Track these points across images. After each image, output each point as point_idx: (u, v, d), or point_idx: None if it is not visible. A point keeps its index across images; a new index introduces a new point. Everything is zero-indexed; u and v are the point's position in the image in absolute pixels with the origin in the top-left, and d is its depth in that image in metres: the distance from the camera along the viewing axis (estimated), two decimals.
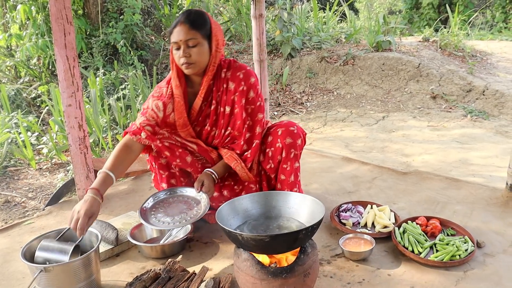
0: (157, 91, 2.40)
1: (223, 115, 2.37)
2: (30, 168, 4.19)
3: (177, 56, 2.23)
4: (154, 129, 2.32)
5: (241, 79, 2.33)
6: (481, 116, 5.52)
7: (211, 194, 2.31)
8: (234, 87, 2.33)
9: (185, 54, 2.18)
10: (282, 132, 2.36)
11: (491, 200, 2.80)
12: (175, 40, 2.19)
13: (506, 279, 2.01)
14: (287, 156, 2.37)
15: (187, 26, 2.17)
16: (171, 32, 2.22)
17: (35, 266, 1.82)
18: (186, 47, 2.18)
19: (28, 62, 6.47)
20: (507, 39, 9.03)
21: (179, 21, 2.19)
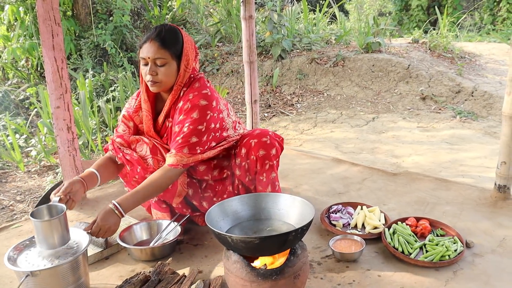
0: (128, 102, 2.44)
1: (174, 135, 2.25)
2: (19, 171, 4.15)
3: (143, 71, 2.19)
4: (126, 141, 2.33)
5: (188, 99, 2.20)
6: (470, 117, 5.56)
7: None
8: (181, 106, 2.22)
9: (151, 72, 2.14)
10: (255, 144, 2.30)
11: (480, 200, 2.81)
12: (143, 56, 2.14)
13: (494, 278, 2.02)
14: (262, 167, 2.32)
15: (157, 44, 2.12)
16: (140, 46, 2.17)
17: (22, 271, 1.80)
18: (154, 65, 2.14)
19: (16, 63, 6.42)
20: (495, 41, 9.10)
21: (150, 37, 2.13)
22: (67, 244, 1.95)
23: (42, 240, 1.88)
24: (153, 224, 2.52)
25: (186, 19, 8.20)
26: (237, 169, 2.38)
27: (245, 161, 2.34)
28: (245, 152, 2.33)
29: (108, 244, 2.34)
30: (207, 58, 7.24)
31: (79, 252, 1.92)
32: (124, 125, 2.40)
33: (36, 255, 1.91)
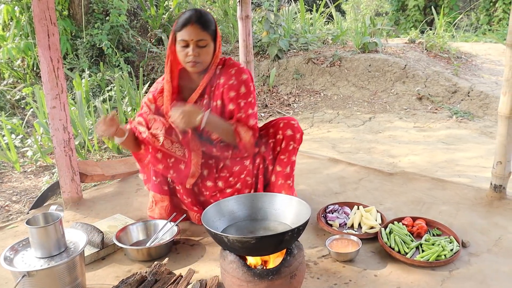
0: (154, 86, 2.52)
1: (215, 109, 2.42)
2: (15, 171, 4.14)
3: (183, 53, 2.28)
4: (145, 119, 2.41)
5: (232, 74, 2.39)
6: (466, 117, 5.57)
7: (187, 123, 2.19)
8: (224, 81, 2.39)
9: (195, 53, 2.26)
10: (284, 124, 2.46)
11: (476, 200, 2.82)
12: (185, 38, 2.25)
13: (490, 278, 2.03)
14: (286, 147, 2.47)
15: (199, 26, 2.24)
16: (178, 30, 2.27)
17: (18, 271, 1.79)
18: (196, 47, 2.26)
19: (12, 63, 6.40)
20: (491, 41, 9.13)
21: (190, 20, 2.24)
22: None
23: (38, 246, 1.88)
24: (150, 224, 2.52)
25: None
26: (263, 146, 2.50)
27: (272, 139, 2.49)
28: (273, 131, 2.49)
29: (104, 244, 2.34)
30: None
31: (76, 252, 1.92)
32: (146, 107, 2.49)
33: (32, 255, 1.90)
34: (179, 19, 2.29)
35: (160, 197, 2.52)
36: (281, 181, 2.51)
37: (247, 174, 2.53)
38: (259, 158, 2.53)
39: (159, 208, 2.56)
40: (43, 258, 1.88)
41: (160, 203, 2.54)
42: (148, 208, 2.61)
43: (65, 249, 1.94)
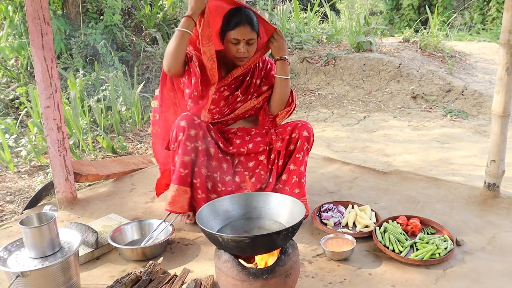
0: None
1: (254, 86, 2.72)
2: (8, 171, 4.12)
3: (234, 49, 2.50)
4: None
5: (265, 60, 2.80)
6: (461, 116, 5.59)
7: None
8: (263, 66, 2.77)
9: (244, 50, 2.49)
10: (301, 125, 2.62)
11: (470, 198, 2.83)
12: (238, 37, 2.46)
13: (484, 276, 2.04)
14: (301, 146, 2.59)
15: (249, 27, 2.47)
16: (231, 29, 2.46)
17: (12, 271, 1.79)
18: (246, 44, 2.49)
19: (6, 63, 6.37)
20: (485, 40, 9.17)
21: (242, 21, 2.45)
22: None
23: (32, 247, 1.87)
24: (144, 224, 2.51)
25: (177, 18, 8.16)
26: (279, 142, 2.63)
27: (288, 136, 2.62)
28: (290, 129, 2.63)
29: (99, 244, 2.33)
30: None
31: (70, 252, 1.91)
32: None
33: (26, 255, 1.90)
34: (230, 19, 2.48)
35: (184, 189, 2.47)
36: (295, 179, 2.58)
37: (262, 169, 2.62)
38: (274, 153, 2.63)
39: (182, 201, 2.49)
40: (37, 258, 1.87)
41: (183, 196, 2.48)
42: (168, 203, 2.50)
43: (59, 249, 1.94)
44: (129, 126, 5.28)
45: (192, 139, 2.42)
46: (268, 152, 2.65)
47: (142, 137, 5.05)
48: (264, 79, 2.76)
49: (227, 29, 2.48)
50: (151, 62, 7.01)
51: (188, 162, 2.43)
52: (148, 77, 6.72)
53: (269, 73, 2.78)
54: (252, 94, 2.73)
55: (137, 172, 3.52)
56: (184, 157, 2.42)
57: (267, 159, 2.64)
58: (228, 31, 2.47)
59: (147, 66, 7.01)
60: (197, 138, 2.43)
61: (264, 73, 2.77)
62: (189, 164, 2.43)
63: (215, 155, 2.53)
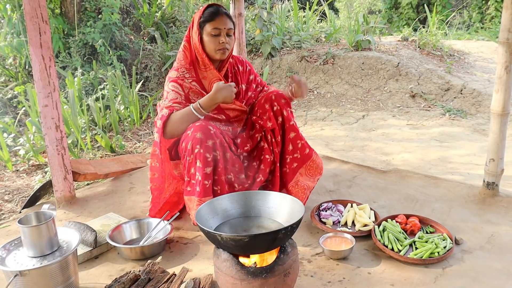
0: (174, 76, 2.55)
1: (242, 92, 2.71)
2: (7, 170, 4.11)
3: (214, 41, 2.46)
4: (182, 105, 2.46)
5: (244, 62, 2.82)
6: (459, 115, 5.59)
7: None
8: (243, 68, 2.77)
9: (226, 40, 2.47)
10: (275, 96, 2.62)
11: (469, 197, 2.83)
12: (219, 27, 2.44)
13: (483, 275, 2.04)
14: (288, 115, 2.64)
15: (227, 18, 2.48)
16: (209, 20, 2.45)
17: (10, 270, 1.78)
18: (226, 35, 2.48)
19: (4, 62, 6.35)
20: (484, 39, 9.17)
21: (220, 12, 2.46)
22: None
23: (30, 246, 1.87)
24: (143, 223, 2.51)
25: (176, 17, 8.16)
26: (268, 121, 2.61)
27: (271, 111, 2.61)
28: (269, 105, 2.61)
29: (97, 243, 2.33)
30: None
31: (68, 251, 1.91)
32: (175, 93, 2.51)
33: (25, 254, 1.89)
34: (206, 12, 2.47)
35: (209, 198, 2.36)
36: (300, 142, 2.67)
37: (266, 153, 2.63)
38: (269, 133, 2.63)
39: None
40: (36, 257, 1.87)
41: None
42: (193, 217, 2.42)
43: (58, 248, 1.93)
44: (127, 125, 5.27)
45: (211, 150, 2.34)
46: (263, 134, 2.65)
47: (140, 136, 5.05)
48: (247, 84, 2.78)
49: (206, 21, 2.46)
50: (149, 61, 7.01)
51: (210, 173, 2.37)
52: (146, 76, 6.72)
53: (249, 76, 2.80)
54: (241, 101, 2.70)
55: (136, 171, 3.51)
56: (206, 168, 2.35)
57: (266, 142, 2.64)
58: (207, 23, 2.45)
59: (146, 65, 7.00)
60: (216, 148, 2.36)
61: (246, 76, 2.78)
62: (210, 175, 2.38)
63: (230, 159, 2.49)
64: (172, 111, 2.40)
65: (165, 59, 6.93)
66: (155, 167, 2.65)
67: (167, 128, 2.39)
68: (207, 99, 2.35)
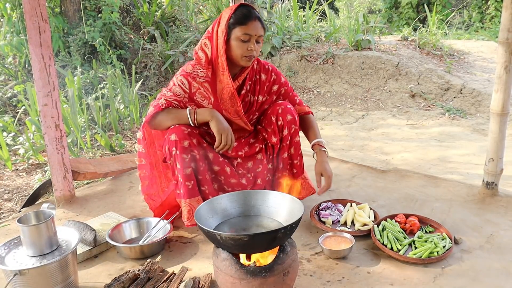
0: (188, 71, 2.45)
1: (255, 103, 2.54)
2: (6, 169, 4.11)
3: (242, 47, 2.29)
4: (181, 104, 2.42)
5: (270, 70, 2.58)
6: (459, 114, 5.59)
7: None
8: (266, 78, 2.56)
9: (255, 48, 2.31)
10: (282, 110, 2.50)
11: (468, 197, 2.83)
12: (250, 32, 2.27)
13: (482, 274, 2.04)
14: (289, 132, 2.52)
15: (259, 23, 2.31)
16: (241, 23, 2.27)
17: (10, 269, 1.78)
18: (256, 42, 2.31)
19: (3, 61, 6.35)
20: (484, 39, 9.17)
21: (253, 16, 2.28)
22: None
23: (30, 245, 1.87)
24: (142, 222, 2.51)
25: (176, 16, 8.16)
26: (273, 136, 2.53)
27: (276, 126, 2.51)
28: (275, 118, 2.50)
29: (97, 242, 2.33)
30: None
31: (68, 250, 1.91)
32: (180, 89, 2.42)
33: (24, 254, 1.89)
34: (238, 12, 2.29)
35: (197, 199, 2.39)
36: (290, 162, 2.58)
37: (263, 168, 2.56)
38: (270, 150, 2.57)
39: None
40: (35, 256, 1.87)
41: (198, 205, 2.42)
42: (187, 219, 2.40)
43: (57, 247, 1.93)
44: (127, 124, 5.27)
45: (187, 150, 2.32)
46: (264, 150, 2.58)
47: None
48: (267, 95, 2.59)
49: (236, 23, 2.27)
50: (149, 60, 7.00)
51: (190, 173, 2.35)
52: (146, 75, 6.72)
53: (272, 87, 2.59)
54: (254, 113, 2.57)
55: (135, 170, 3.49)
56: (185, 170, 2.34)
57: (265, 156, 2.57)
58: (237, 25, 2.27)
59: (146, 64, 7.00)
60: (192, 148, 2.34)
61: (267, 87, 2.58)
62: (192, 175, 2.36)
63: (215, 160, 2.45)
64: (169, 106, 2.39)
65: (165, 58, 6.93)
66: (142, 153, 2.58)
67: (156, 119, 2.39)
68: (201, 115, 2.33)
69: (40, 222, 1.87)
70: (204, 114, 2.32)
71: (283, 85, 2.62)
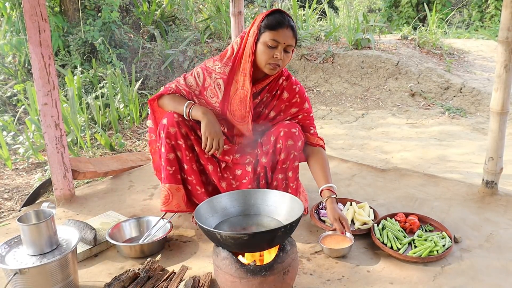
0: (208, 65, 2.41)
1: (265, 117, 2.45)
2: (6, 168, 4.11)
3: (268, 53, 2.19)
4: (189, 95, 2.43)
5: (296, 92, 2.44)
6: (459, 114, 5.59)
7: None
8: (288, 97, 2.43)
9: (282, 57, 2.20)
10: (284, 133, 2.34)
11: (468, 196, 2.83)
12: (279, 40, 2.17)
13: (481, 273, 2.04)
14: (287, 157, 2.38)
15: (291, 32, 2.20)
16: (271, 29, 2.18)
17: (10, 268, 1.78)
18: (284, 51, 2.20)
19: (3, 60, 6.35)
20: (483, 38, 9.17)
21: (286, 23, 2.18)
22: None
23: (30, 244, 1.87)
24: (142, 221, 2.51)
25: (175, 15, 8.16)
26: (264, 157, 2.41)
27: (273, 148, 2.38)
28: (274, 140, 2.37)
29: (97, 241, 2.33)
30: (196, 55, 7.21)
31: (68, 250, 1.91)
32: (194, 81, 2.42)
33: (24, 253, 1.89)
34: (271, 17, 2.20)
35: (176, 186, 2.43)
36: (284, 184, 2.45)
37: (249, 181, 2.45)
38: (260, 167, 2.45)
39: (177, 199, 2.44)
40: (35, 255, 1.87)
41: (176, 194, 2.44)
42: (162, 203, 2.43)
43: (57, 247, 1.94)
44: (127, 124, 5.27)
45: (172, 136, 2.34)
46: (254, 165, 2.46)
47: (140, 134, 5.05)
48: (282, 114, 2.46)
49: (267, 27, 2.18)
50: (149, 59, 7.00)
51: (172, 159, 2.38)
52: (146, 74, 6.71)
53: (290, 109, 2.45)
54: (260, 126, 2.47)
55: (135, 169, 3.51)
56: (168, 154, 2.38)
57: (253, 172, 2.45)
58: (267, 30, 2.18)
59: (145, 63, 7.00)
60: (178, 136, 2.35)
61: (286, 106, 2.45)
62: (174, 161, 2.39)
63: (201, 155, 2.44)
64: (177, 93, 2.44)
65: (164, 58, 6.92)
66: (151, 128, 2.62)
67: (161, 100, 2.47)
68: (195, 111, 2.31)
69: (40, 221, 1.87)
70: (198, 111, 2.30)
71: (303, 111, 2.47)
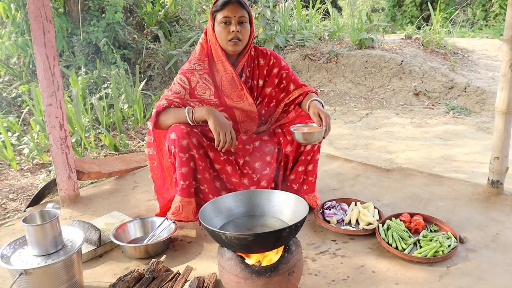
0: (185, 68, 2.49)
1: (256, 88, 2.57)
2: (11, 169, 4.13)
3: (225, 31, 2.34)
4: (182, 101, 2.43)
5: (268, 55, 2.59)
6: (463, 113, 5.58)
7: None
8: (265, 62, 2.58)
9: (238, 29, 2.32)
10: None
11: (473, 195, 2.82)
12: (227, 15, 2.31)
13: (488, 273, 2.03)
14: (312, 147, 2.55)
15: (239, 5, 2.33)
16: (219, 9, 2.33)
17: (15, 269, 1.79)
18: (238, 23, 2.33)
19: (8, 61, 6.37)
20: (488, 37, 9.14)
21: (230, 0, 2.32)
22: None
23: (35, 244, 1.87)
24: (147, 222, 2.51)
25: (179, 16, 8.17)
26: (289, 145, 2.55)
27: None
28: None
29: (101, 242, 2.33)
30: None
31: (73, 250, 1.91)
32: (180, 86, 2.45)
33: (29, 253, 1.90)
34: (219, 1, 2.35)
35: (188, 200, 2.44)
36: (303, 177, 2.61)
37: (271, 171, 2.56)
38: (282, 156, 2.57)
39: (187, 212, 2.47)
40: (40, 256, 1.87)
41: (187, 207, 2.45)
42: (172, 213, 2.48)
43: (62, 247, 1.94)
44: (131, 124, 5.28)
45: (185, 149, 2.33)
46: (277, 153, 2.58)
47: (144, 135, 5.05)
48: (267, 78, 2.60)
49: (217, 10, 2.35)
50: (153, 60, 7.01)
51: (186, 173, 2.37)
52: (150, 75, 6.72)
53: (272, 70, 2.60)
54: (257, 98, 2.60)
55: (140, 170, 3.52)
56: (182, 168, 2.36)
57: (275, 160, 2.56)
58: (217, 12, 2.35)
59: (149, 64, 7.01)
60: (191, 147, 2.34)
61: (267, 70, 2.60)
62: (187, 175, 2.38)
63: (216, 158, 2.46)
64: (170, 105, 2.40)
65: (168, 58, 6.93)
66: (153, 155, 2.59)
67: (159, 120, 2.42)
68: (199, 113, 2.31)
69: (45, 222, 1.87)
70: (201, 112, 2.31)
71: (283, 69, 2.62)
